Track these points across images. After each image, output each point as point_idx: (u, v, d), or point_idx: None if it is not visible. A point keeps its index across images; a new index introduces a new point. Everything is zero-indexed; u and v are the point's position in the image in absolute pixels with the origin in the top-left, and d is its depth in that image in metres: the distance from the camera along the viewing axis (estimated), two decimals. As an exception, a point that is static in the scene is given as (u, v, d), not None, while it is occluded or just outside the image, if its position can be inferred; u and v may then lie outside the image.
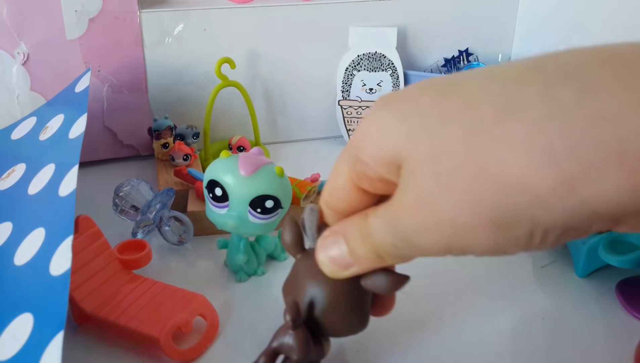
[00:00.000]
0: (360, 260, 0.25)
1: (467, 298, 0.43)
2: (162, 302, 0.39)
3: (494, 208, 0.19)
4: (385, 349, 0.38)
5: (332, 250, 0.26)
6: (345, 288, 0.28)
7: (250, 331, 0.39)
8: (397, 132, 0.22)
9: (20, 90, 0.59)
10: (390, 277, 0.27)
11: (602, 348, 0.38)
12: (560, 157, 0.18)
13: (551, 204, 0.18)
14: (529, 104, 0.18)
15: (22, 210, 0.38)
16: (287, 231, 0.29)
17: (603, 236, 0.42)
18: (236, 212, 0.41)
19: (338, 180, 0.25)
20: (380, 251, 0.24)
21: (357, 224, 0.25)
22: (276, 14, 0.63)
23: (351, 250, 0.25)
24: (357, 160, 0.24)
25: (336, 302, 0.28)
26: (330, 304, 0.28)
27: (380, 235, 0.24)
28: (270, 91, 0.67)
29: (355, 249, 0.25)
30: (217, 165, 0.41)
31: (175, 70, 0.63)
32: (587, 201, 0.18)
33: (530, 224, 0.19)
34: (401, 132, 0.21)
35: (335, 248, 0.26)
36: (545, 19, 0.66)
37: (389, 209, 0.23)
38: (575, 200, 0.18)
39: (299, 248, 0.29)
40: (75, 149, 0.38)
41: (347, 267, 0.26)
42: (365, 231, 0.24)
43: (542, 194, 0.18)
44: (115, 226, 0.48)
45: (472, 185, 0.19)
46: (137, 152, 0.65)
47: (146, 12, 0.60)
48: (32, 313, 0.30)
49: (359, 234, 0.25)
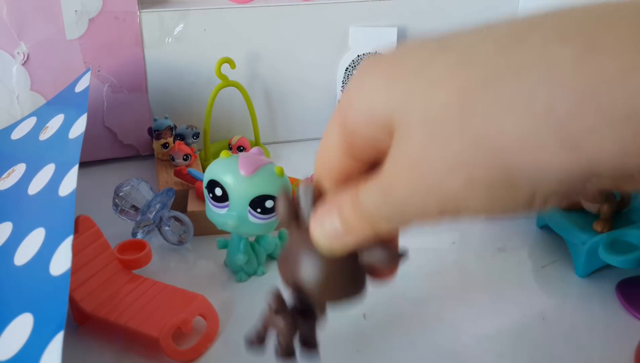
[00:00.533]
0: (354, 230, 0.24)
1: (467, 298, 0.43)
2: (162, 302, 0.39)
3: (493, 172, 0.19)
4: (385, 349, 0.38)
5: (325, 223, 0.25)
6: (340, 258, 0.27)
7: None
8: (388, 95, 0.21)
9: (20, 90, 0.59)
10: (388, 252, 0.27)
11: (602, 348, 0.38)
12: (563, 118, 0.17)
13: (554, 165, 0.18)
14: (527, 63, 0.18)
15: (22, 210, 0.38)
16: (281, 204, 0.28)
17: (603, 236, 0.42)
18: (236, 212, 0.41)
19: (328, 149, 0.25)
20: (374, 220, 0.24)
21: (349, 195, 0.24)
22: (276, 14, 0.63)
23: (344, 222, 0.24)
24: (346, 127, 0.23)
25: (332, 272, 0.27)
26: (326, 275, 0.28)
27: (373, 204, 0.23)
28: (270, 91, 0.66)
29: (348, 220, 0.24)
30: (217, 165, 0.41)
31: (175, 70, 0.63)
32: (592, 161, 0.17)
33: (531, 187, 0.19)
34: (392, 95, 0.21)
35: (328, 221, 0.25)
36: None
37: (380, 177, 0.22)
38: (580, 161, 0.17)
39: (294, 221, 0.29)
40: (75, 149, 0.38)
41: (341, 239, 0.25)
42: (357, 202, 0.24)
43: (545, 156, 0.18)
44: (115, 226, 0.48)
45: (470, 149, 0.19)
46: (137, 152, 0.65)
47: (146, 12, 0.60)
48: (32, 313, 0.30)
49: (351, 205, 0.24)
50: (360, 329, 0.40)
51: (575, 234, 0.44)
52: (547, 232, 0.50)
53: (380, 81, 0.21)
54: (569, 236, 0.45)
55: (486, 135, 0.18)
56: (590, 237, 0.43)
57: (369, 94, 0.22)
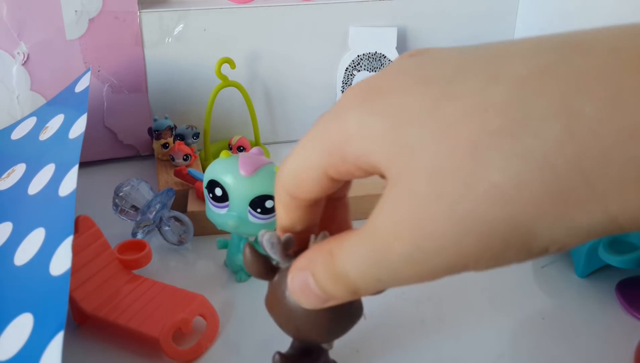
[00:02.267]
0: (335, 297, 0.23)
1: (467, 298, 0.43)
2: (162, 302, 0.39)
3: (509, 230, 0.17)
4: (385, 349, 0.38)
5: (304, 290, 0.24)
6: None
7: (250, 331, 0.40)
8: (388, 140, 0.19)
9: (20, 90, 0.59)
10: None
11: (602, 348, 0.38)
12: (589, 173, 0.16)
13: (577, 223, 0.17)
14: (546, 118, 0.16)
15: (22, 210, 0.38)
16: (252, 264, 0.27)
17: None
18: (236, 212, 0.41)
19: (306, 171, 0.23)
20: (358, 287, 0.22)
21: (322, 263, 0.22)
22: (276, 14, 0.63)
23: (324, 291, 0.23)
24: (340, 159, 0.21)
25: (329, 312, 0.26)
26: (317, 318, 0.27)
27: (356, 268, 0.21)
28: (270, 91, 0.67)
29: (327, 289, 0.22)
30: (217, 165, 0.41)
31: (175, 70, 0.63)
32: (616, 217, 0.17)
33: (548, 243, 0.18)
34: (393, 141, 0.19)
35: (307, 288, 0.23)
36: (546, 19, 0.66)
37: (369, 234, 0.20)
38: (603, 215, 0.17)
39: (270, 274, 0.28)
40: (75, 149, 0.38)
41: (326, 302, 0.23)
42: (334, 272, 0.22)
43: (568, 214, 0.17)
44: (115, 226, 0.48)
45: (484, 206, 0.17)
46: (137, 152, 0.65)
47: (146, 12, 0.60)
48: (32, 313, 0.30)
49: (326, 275, 0.22)
50: (360, 329, 0.40)
51: (575, 234, 0.44)
52: (547, 232, 0.50)
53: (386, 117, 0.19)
54: (569, 236, 0.45)
55: (505, 192, 0.17)
56: (590, 237, 0.43)
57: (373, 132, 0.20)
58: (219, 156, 0.42)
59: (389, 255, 0.19)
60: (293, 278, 0.24)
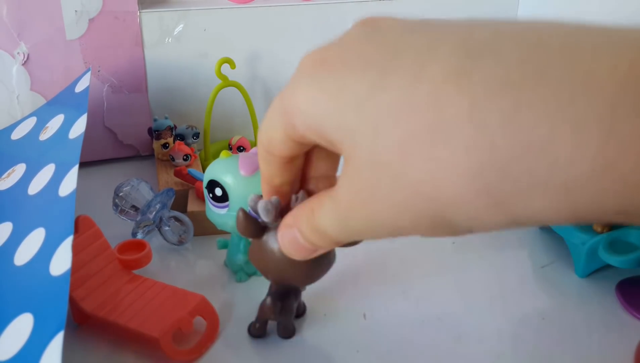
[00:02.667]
0: (321, 247, 0.26)
1: (467, 298, 0.43)
2: (162, 302, 0.39)
3: (434, 218, 0.20)
4: (385, 349, 0.38)
5: (293, 244, 0.27)
6: None
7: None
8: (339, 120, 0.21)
9: (20, 90, 0.59)
10: None
11: (602, 348, 0.38)
12: (490, 182, 0.18)
13: (484, 219, 0.19)
14: (455, 127, 0.18)
15: (22, 210, 0.38)
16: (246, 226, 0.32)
17: (603, 236, 0.42)
18: (236, 212, 0.41)
19: (272, 132, 0.25)
20: (333, 238, 0.25)
21: (306, 220, 0.26)
22: (276, 14, 0.63)
23: (310, 243, 0.26)
24: (293, 126, 0.24)
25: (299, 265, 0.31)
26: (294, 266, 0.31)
27: (330, 226, 0.24)
28: (270, 91, 0.66)
29: (313, 241, 0.26)
30: (217, 165, 0.41)
31: (175, 70, 0.63)
32: (516, 218, 0.19)
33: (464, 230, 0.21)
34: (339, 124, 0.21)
35: (295, 242, 0.27)
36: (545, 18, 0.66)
37: (335, 202, 0.24)
38: (505, 217, 0.19)
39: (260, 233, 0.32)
40: (75, 149, 0.38)
41: (314, 252, 0.27)
42: (316, 228, 0.25)
43: (476, 213, 0.19)
44: (115, 226, 0.48)
45: (411, 198, 0.20)
46: (137, 152, 0.65)
47: (146, 12, 0.60)
48: (32, 313, 0.30)
49: (310, 230, 0.26)
50: (360, 329, 0.40)
51: (575, 234, 0.44)
52: (547, 232, 0.50)
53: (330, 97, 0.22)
54: (569, 236, 0.45)
55: (423, 189, 0.20)
56: (590, 237, 0.43)
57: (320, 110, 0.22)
58: (219, 156, 0.42)
59: (350, 221, 0.23)
60: (283, 235, 0.28)
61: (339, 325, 0.40)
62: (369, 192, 0.21)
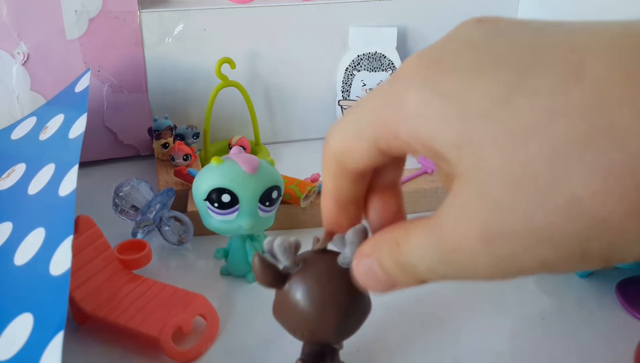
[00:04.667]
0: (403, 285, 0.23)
1: (467, 298, 0.43)
2: (162, 302, 0.39)
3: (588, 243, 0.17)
4: (385, 349, 0.38)
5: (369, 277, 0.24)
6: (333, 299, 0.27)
7: (250, 331, 0.40)
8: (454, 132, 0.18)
9: (20, 90, 0.59)
10: None
11: (602, 348, 0.38)
12: None
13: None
14: (632, 130, 0.15)
15: (22, 210, 0.38)
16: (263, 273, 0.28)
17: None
18: (248, 211, 0.41)
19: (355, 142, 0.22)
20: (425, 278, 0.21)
21: (388, 252, 0.22)
22: (276, 14, 0.63)
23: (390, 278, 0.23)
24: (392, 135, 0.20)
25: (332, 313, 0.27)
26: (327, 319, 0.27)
27: (423, 265, 0.20)
28: (270, 91, 0.67)
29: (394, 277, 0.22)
30: (217, 173, 0.40)
31: (175, 70, 0.63)
32: None
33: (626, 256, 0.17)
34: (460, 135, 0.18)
35: (372, 274, 0.23)
36: (546, 18, 0.66)
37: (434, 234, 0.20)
38: None
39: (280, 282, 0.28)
40: (75, 149, 0.38)
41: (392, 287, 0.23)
42: (401, 261, 0.21)
43: None
44: (115, 226, 0.48)
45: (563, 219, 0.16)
46: (137, 152, 0.65)
47: (146, 12, 0.60)
48: (32, 313, 0.30)
49: (394, 264, 0.22)
50: (360, 329, 0.40)
51: (575, 234, 0.44)
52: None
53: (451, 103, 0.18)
54: (569, 236, 0.45)
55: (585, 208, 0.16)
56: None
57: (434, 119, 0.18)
58: (210, 165, 0.41)
59: (457, 255, 0.19)
60: (358, 263, 0.24)
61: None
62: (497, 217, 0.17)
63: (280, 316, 0.29)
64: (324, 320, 0.27)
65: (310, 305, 0.26)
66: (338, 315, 0.27)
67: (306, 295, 0.27)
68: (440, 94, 0.18)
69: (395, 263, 0.22)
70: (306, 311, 0.27)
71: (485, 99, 0.17)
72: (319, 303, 0.27)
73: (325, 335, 0.28)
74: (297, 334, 0.29)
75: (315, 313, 0.27)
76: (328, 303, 0.27)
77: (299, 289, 0.27)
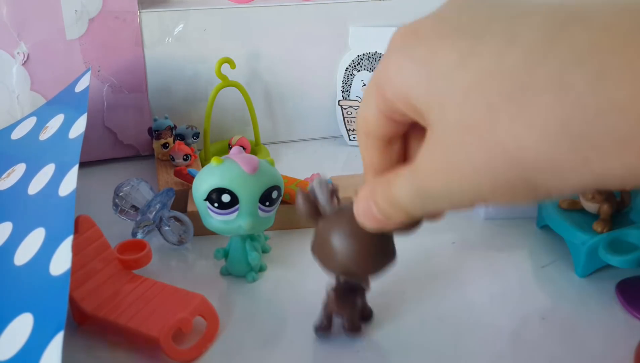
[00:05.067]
0: (394, 220, 0.27)
1: (467, 298, 0.43)
2: (162, 302, 0.39)
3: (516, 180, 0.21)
4: (385, 349, 0.38)
5: (367, 214, 0.28)
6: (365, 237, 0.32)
7: (250, 331, 0.40)
8: (427, 87, 0.22)
9: (20, 90, 0.59)
10: None
11: (602, 348, 0.38)
12: (576, 139, 0.19)
13: (567, 178, 0.20)
14: (544, 87, 0.19)
15: (22, 210, 0.38)
16: (301, 203, 0.33)
17: (603, 236, 0.42)
18: (248, 211, 0.41)
19: (368, 110, 0.26)
20: (407, 210, 0.26)
21: (381, 191, 0.27)
22: (276, 14, 0.63)
23: (383, 214, 0.27)
24: (384, 98, 0.24)
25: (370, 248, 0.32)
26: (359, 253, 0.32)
27: (405, 196, 0.25)
28: (270, 91, 0.67)
29: (386, 213, 0.27)
30: (216, 173, 0.40)
31: (175, 70, 0.63)
32: (599, 175, 0.19)
33: (546, 192, 0.21)
34: (431, 89, 0.22)
35: (369, 212, 0.28)
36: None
37: (413, 171, 0.24)
38: (590, 175, 0.20)
39: (316, 215, 0.33)
40: (75, 149, 0.38)
41: (386, 224, 0.28)
42: (389, 193, 0.26)
43: (560, 171, 0.20)
44: (115, 226, 0.48)
45: (495, 159, 0.21)
46: (137, 152, 0.65)
47: (146, 12, 0.60)
48: (32, 313, 0.30)
49: (385, 201, 0.27)
50: (359, 329, 0.40)
51: (575, 234, 0.44)
52: (547, 232, 0.50)
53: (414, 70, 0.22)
54: (569, 236, 0.45)
55: (508, 149, 0.20)
56: (590, 237, 0.43)
57: (409, 78, 0.23)
58: (210, 165, 0.41)
59: (428, 191, 0.24)
60: (358, 204, 0.29)
61: (339, 325, 0.40)
62: (451, 157, 0.22)
63: (316, 252, 0.34)
64: (356, 255, 0.32)
65: (343, 240, 0.31)
66: (366, 253, 0.32)
67: (340, 231, 0.32)
68: (414, 59, 0.23)
69: (386, 199, 0.26)
70: (338, 248, 0.32)
71: (446, 62, 0.22)
72: (352, 239, 0.32)
73: (356, 268, 0.33)
74: (330, 266, 0.33)
75: (345, 251, 0.32)
76: (360, 239, 0.32)
77: (334, 225, 0.32)
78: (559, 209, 0.47)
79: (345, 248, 0.32)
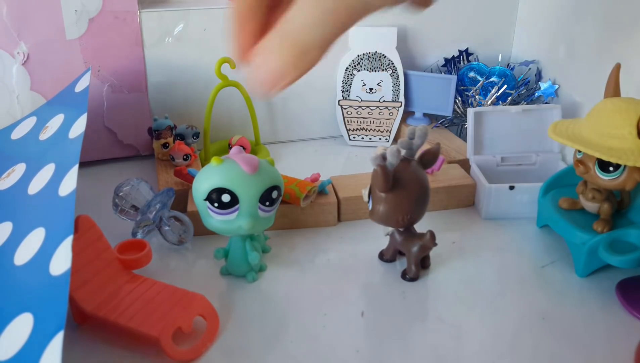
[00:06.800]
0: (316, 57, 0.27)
1: (467, 298, 0.43)
2: (162, 302, 0.39)
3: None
4: (385, 349, 0.38)
5: None
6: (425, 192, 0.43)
7: (250, 331, 0.40)
8: None
9: (20, 90, 0.59)
10: None
11: (602, 348, 0.38)
12: None
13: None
14: None
15: (22, 210, 0.38)
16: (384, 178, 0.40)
17: (603, 236, 0.42)
18: (248, 211, 0.41)
19: None
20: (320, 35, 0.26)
21: None
22: (276, 14, 0.63)
23: None
24: None
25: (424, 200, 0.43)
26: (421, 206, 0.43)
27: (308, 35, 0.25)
28: (270, 91, 0.66)
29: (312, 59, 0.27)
30: (216, 173, 0.41)
31: (175, 70, 0.63)
32: None
33: None
34: None
35: None
36: (545, 18, 0.66)
37: None
38: None
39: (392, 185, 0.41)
40: (75, 149, 0.38)
41: None
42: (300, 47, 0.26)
43: None
44: (115, 226, 0.48)
45: None
46: (137, 152, 0.65)
47: (146, 12, 0.60)
48: (32, 313, 0.30)
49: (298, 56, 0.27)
50: (360, 329, 0.40)
51: (575, 234, 0.44)
52: (547, 232, 0.50)
53: None
54: (569, 236, 0.45)
55: None
56: (590, 237, 0.43)
57: None
58: (210, 165, 0.41)
59: None
60: None
61: (339, 325, 0.40)
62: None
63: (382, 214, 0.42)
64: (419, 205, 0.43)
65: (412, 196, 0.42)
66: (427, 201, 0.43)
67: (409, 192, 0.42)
68: None
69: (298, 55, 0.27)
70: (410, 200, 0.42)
71: None
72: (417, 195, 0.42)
73: (418, 217, 0.44)
74: (400, 221, 0.43)
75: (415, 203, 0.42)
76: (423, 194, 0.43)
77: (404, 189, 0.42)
78: (559, 209, 0.47)
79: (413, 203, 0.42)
